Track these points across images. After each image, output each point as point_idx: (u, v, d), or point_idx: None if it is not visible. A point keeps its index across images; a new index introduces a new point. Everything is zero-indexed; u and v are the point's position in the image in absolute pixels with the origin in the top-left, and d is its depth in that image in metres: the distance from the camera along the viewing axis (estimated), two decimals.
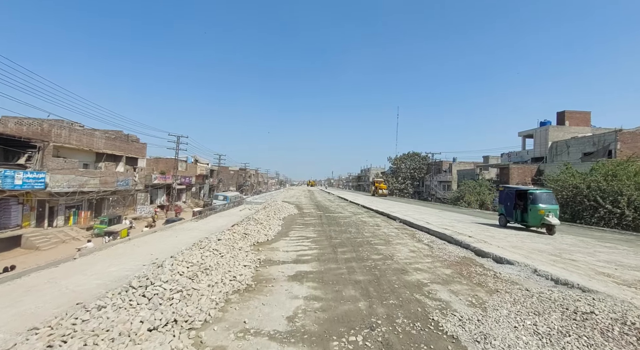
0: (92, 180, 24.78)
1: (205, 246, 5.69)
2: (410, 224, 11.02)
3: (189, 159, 49.51)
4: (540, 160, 33.50)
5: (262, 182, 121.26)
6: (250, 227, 8.54)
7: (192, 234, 10.35)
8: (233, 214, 17.67)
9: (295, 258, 5.96)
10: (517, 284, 4.51)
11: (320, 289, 4.27)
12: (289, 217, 13.05)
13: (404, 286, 4.39)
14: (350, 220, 12.17)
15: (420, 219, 12.08)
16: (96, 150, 25.63)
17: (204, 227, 12.04)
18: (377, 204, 21.79)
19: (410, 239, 8.18)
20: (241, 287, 4.18)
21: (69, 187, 22.38)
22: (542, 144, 33.60)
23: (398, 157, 65.95)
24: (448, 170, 55.17)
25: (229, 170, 78.99)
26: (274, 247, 6.93)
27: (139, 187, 31.75)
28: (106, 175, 26.39)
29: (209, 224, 13.21)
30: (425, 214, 14.91)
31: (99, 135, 26.12)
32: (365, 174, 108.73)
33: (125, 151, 29.41)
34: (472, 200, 30.97)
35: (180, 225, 12.26)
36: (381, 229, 9.98)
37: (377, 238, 8.25)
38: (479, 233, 8.69)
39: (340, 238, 8.20)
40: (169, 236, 10.02)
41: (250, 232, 7.98)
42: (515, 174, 32.57)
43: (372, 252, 6.51)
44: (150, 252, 7.62)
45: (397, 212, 15.45)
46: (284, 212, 14.36)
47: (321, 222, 11.56)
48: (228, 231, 7.51)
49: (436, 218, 13.32)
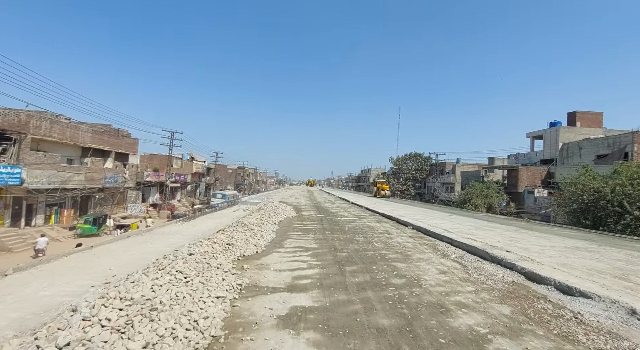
0: (77, 177, 23.18)
1: (166, 267, 4.14)
2: (425, 231, 9.50)
3: (184, 156, 47.92)
4: (550, 163, 32.07)
5: (260, 182, 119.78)
6: (237, 235, 6.99)
7: (170, 240, 8.82)
8: (224, 215, 16.13)
9: (289, 282, 4.43)
10: (622, 337, 3.01)
11: (326, 345, 2.75)
12: (286, 220, 11.51)
13: (453, 341, 2.87)
14: (355, 226, 10.65)
15: (435, 225, 10.58)
16: (81, 144, 24.03)
17: (188, 231, 10.51)
18: (381, 206, 20.28)
19: (432, 253, 6.67)
20: (200, 346, 2.64)
21: (49, 184, 20.77)
22: (552, 146, 32.17)
23: (400, 158, 64.52)
24: (451, 171, 53.77)
25: (227, 169, 77.48)
26: (264, 263, 5.40)
27: (129, 184, 30.15)
28: (92, 171, 24.79)
29: (194, 227, 11.68)
30: (436, 219, 13.41)
31: (85, 128, 24.51)
32: (365, 174, 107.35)
33: (114, 146, 27.81)
34: (480, 203, 29.51)
35: (161, 229, 10.72)
36: (394, 238, 8.45)
37: (392, 251, 6.73)
38: (510, 244, 7.20)
39: (347, 250, 6.67)
40: (142, 243, 8.47)
41: (235, 241, 6.44)
42: (525, 176, 31.13)
43: (391, 273, 4.99)
44: (109, 266, 6.08)
45: (405, 215, 13.95)
46: (280, 214, 12.82)
47: (322, 227, 10.03)
48: (207, 241, 5.96)
49: (450, 223, 11.82)
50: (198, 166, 50.55)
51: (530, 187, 30.23)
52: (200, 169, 51.15)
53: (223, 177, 70.53)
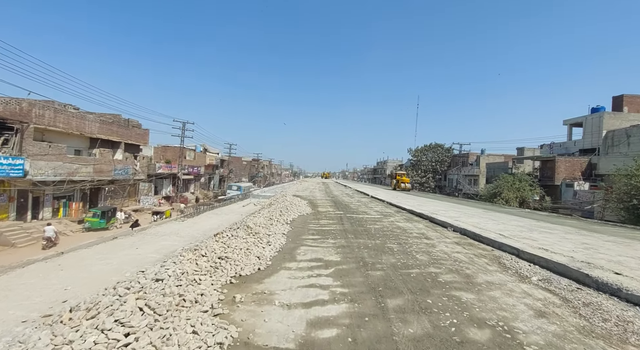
0: (85, 168, 22.41)
1: (101, 312, 2.54)
2: (473, 235, 7.59)
3: (197, 148, 47.20)
4: (591, 153, 28.85)
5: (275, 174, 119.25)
6: (236, 243, 5.36)
7: (161, 244, 7.34)
8: (232, 210, 14.71)
9: (303, 336, 2.75)
10: None
11: None
12: (300, 219, 9.87)
13: None
14: (382, 226, 8.88)
15: (479, 226, 8.66)
16: (89, 134, 23.20)
17: (186, 231, 9.06)
18: (405, 201, 18.34)
19: (502, 272, 4.82)
20: None
21: (55, 176, 20.01)
22: (593, 134, 28.90)
23: (419, 149, 61.64)
24: (475, 163, 50.66)
25: (242, 161, 76.88)
26: (266, 290, 3.74)
27: (140, 176, 29.42)
28: (101, 162, 24.00)
29: (195, 225, 10.25)
30: (474, 217, 11.41)
31: (92, 118, 23.63)
32: (381, 166, 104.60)
33: (123, 137, 26.95)
34: (511, 197, 26.96)
35: (156, 229, 9.35)
36: (436, 245, 6.63)
37: (444, 267, 4.93)
38: (595, 256, 5.25)
39: (381, 265, 4.93)
40: (127, 247, 7.03)
41: (231, 252, 4.81)
42: (562, 167, 28.18)
43: (459, 314, 3.23)
44: (65, 285, 4.61)
45: (437, 212, 12.02)
46: (293, 211, 11.20)
47: (343, 228, 8.31)
48: (191, 255, 4.36)
49: (493, 223, 9.84)
50: (211, 158, 49.79)
51: (569, 179, 27.32)
52: (213, 161, 50.41)
53: (237, 169, 69.95)
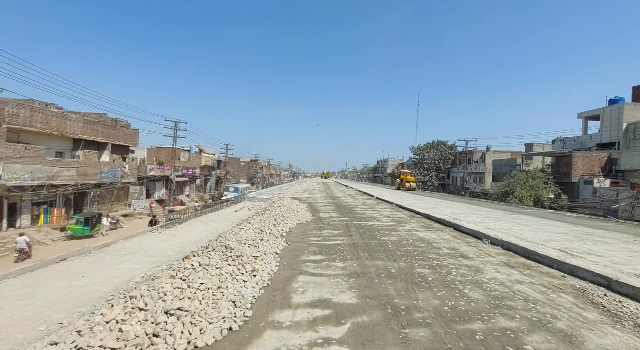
0: (67, 172, 20.72)
1: None
2: (525, 252, 5.85)
3: (192, 149, 45.53)
4: (609, 147, 27.12)
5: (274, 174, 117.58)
6: (200, 279, 3.66)
7: (118, 269, 5.71)
8: (223, 216, 13.02)
9: None
10: None
11: None
12: (298, 229, 8.17)
13: None
14: (400, 238, 7.18)
15: (515, 234, 6.96)
16: (71, 135, 21.51)
17: (157, 247, 7.38)
18: (414, 202, 16.66)
19: (617, 327, 3.11)
20: None
21: (33, 180, 18.34)
22: (612, 127, 27.14)
23: (421, 146, 59.94)
24: (480, 160, 48.98)
25: (240, 162, 75.21)
26: None
27: (129, 179, 27.73)
28: (85, 165, 22.31)
29: (174, 238, 8.57)
30: (501, 222, 9.70)
31: (75, 117, 21.94)
32: (382, 165, 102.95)
33: (110, 138, 25.26)
34: (525, 195, 25.25)
35: (122, 244, 7.67)
36: (483, 271, 4.91)
37: (517, 315, 3.22)
38: None
39: (422, 315, 3.23)
40: (72, 275, 5.39)
41: (188, 301, 3.11)
42: (580, 163, 26.42)
43: None
44: None
45: (457, 217, 10.33)
46: (290, 218, 9.50)
47: (353, 242, 6.62)
48: (114, 314, 2.65)
49: (529, 230, 8.12)
50: (207, 159, 48.12)
51: (588, 176, 25.61)
52: (209, 162, 48.73)
53: (235, 170, 68.28)
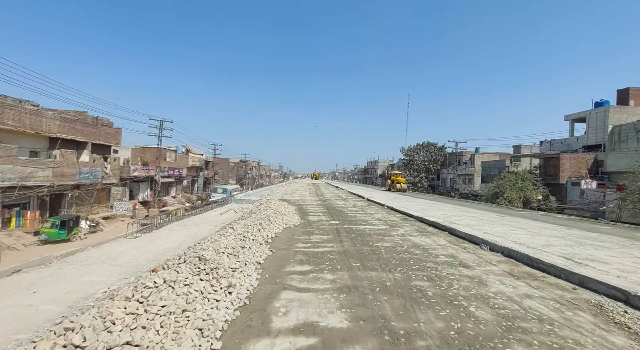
0: (42, 172, 19.58)
1: None
2: (528, 260, 5.45)
3: (179, 149, 44.34)
4: (595, 149, 27.54)
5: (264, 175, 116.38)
6: (163, 301, 3.07)
7: (78, 282, 5.14)
8: (207, 220, 12.34)
9: None
10: None
11: None
12: (285, 234, 7.62)
13: None
14: (394, 244, 6.71)
15: (512, 239, 6.60)
16: (47, 133, 20.36)
17: (130, 255, 6.71)
18: (406, 204, 16.32)
19: None
20: None
21: (4, 181, 17.21)
22: (598, 129, 27.60)
23: (411, 148, 60.17)
24: (470, 161, 49.42)
25: (229, 162, 73.99)
26: None
27: (112, 180, 26.58)
28: (63, 165, 21.17)
29: (149, 244, 7.89)
30: (495, 225, 9.37)
31: (51, 115, 20.80)
32: (372, 166, 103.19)
33: (90, 136, 24.12)
34: (515, 197, 25.34)
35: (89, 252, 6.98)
36: (487, 282, 4.47)
37: (534, 340, 2.78)
38: None
39: (426, 343, 2.75)
40: (23, 289, 4.93)
41: (142, 331, 2.55)
42: (567, 165, 26.72)
43: None
44: None
45: (450, 220, 9.97)
46: (277, 222, 8.94)
47: (344, 249, 6.11)
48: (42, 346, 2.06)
49: (525, 233, 7.74)
50: (195, 159, 46.95)
51: (575, 177, 25.89)
52: (197, 163, 47.56)
53: (224, 171, 67.09)
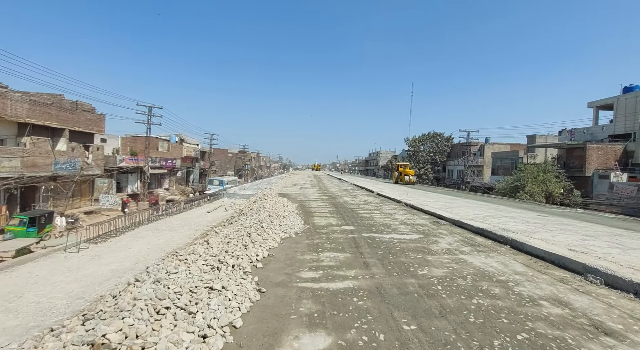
0: (8, 162, 17.24)
1: None
2: None
3: (172, 138, 41.87)
4: (623, 138, 25.21)
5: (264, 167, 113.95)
6: None
7: None
8: (188, 221, 10.06)
9: None
10: None
11: None
12: (282, 250, 5.33)
13: None
14: (448, 272, 4.46)
15: (612, 259, 4.39)
16: (13, 118, 17.93)
17: (44, 289, 4.44)
18: (423, 200, 14.04)
19: None
20: None
21: None
22: (627, 117, 25.18)
23: (416, 138, 57.60)
24: (479, 152, 47.03)
25: (227, 153, 71.46)
26: None
27: (94, 171, 24.26)
28: (34, 154, 18.80)
29: (98, 260, 5.64)
30: (558, 233, 7.14)
31: (18, 97, 18.33)
32: (374, 157, 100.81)
33: (67, 123, 21.68)
34: (537, 191, 23.09)
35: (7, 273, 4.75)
36: None
37: None
38: None
39: None
40: None
41: None
42: (594, 155, 24.34)
43: None
44: None
45: (491, 222, 7.72)
46: (274, 228, 6.66)
47: (375, 284, 3.84)
48: None
49: (608, 246, 5.51)
50: (190, 149, 44.51)
51: (603, 169, 23.62)
52: (192, 153, 45.13)
53: (222, 162, 64.72)
